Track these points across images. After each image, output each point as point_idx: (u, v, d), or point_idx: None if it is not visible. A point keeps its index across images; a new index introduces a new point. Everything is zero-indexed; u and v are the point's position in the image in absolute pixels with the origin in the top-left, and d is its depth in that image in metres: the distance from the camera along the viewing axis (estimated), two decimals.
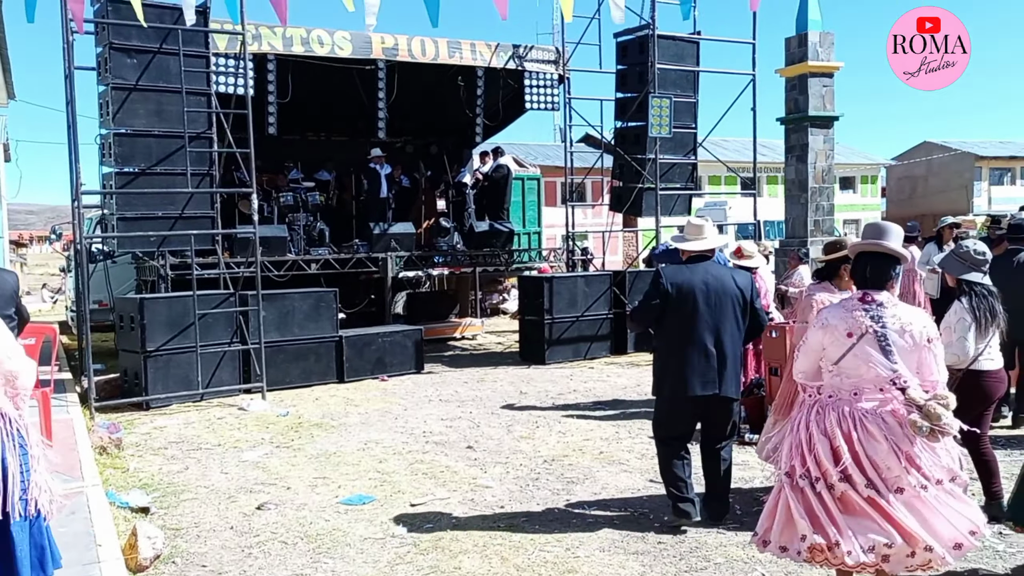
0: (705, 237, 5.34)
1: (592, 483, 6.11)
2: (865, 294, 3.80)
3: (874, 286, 3.79)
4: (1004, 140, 49.08)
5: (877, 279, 3.79)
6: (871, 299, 3.76)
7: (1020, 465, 6.13)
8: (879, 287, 3.78)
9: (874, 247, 3.85)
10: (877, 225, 4.00)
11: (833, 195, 17.33)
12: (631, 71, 13.20)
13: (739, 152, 33.12)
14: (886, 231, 3.91)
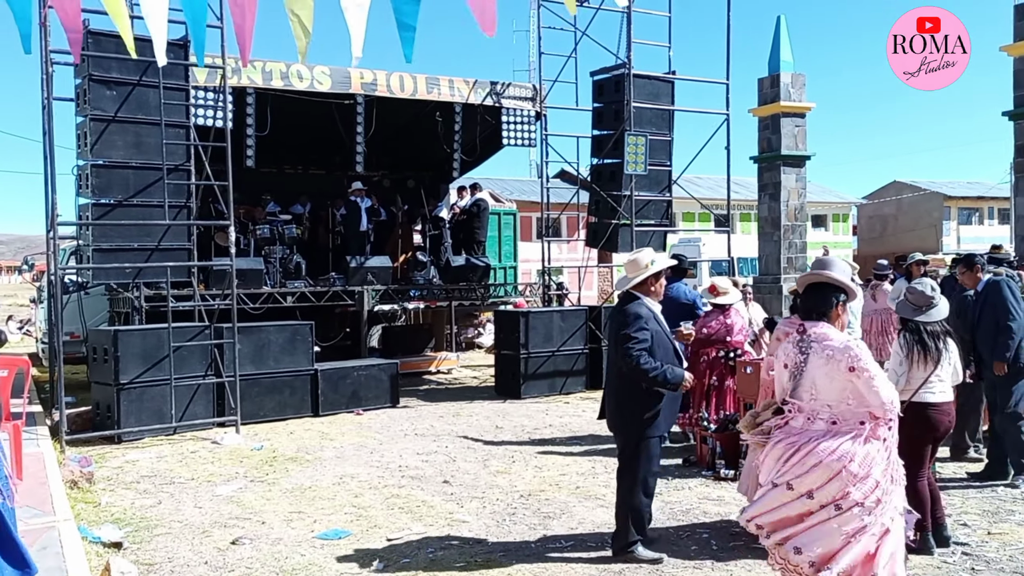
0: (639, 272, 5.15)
1: (569, 518, 6.11)
2: (802, 325, 4.02)
3: (818, 316, 3.99)
4: (972, 180, 50.20)
5: (821, 308, 4.00)
6: (804, 331, 3.97)
7: (990, 500, 6.24)
8: (822, 316, 3.99)
9: (819, 278, 4.07)
10: (822, 260, 4.26)
11: (806, 233, 17.63)
12: (607, 109, 13.41)
13: (712, 189, 33.58)
14: (830, 263, 4.17)
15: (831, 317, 3.99)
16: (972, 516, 5.93)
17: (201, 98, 10.56)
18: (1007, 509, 6.08)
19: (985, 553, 5.18)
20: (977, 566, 4.97)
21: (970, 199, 47.54)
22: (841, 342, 3.88)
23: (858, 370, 3.78)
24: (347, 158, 12.67)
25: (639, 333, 4.93)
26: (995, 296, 6.78)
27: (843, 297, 4.04)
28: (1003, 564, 4.98)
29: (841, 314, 4.02)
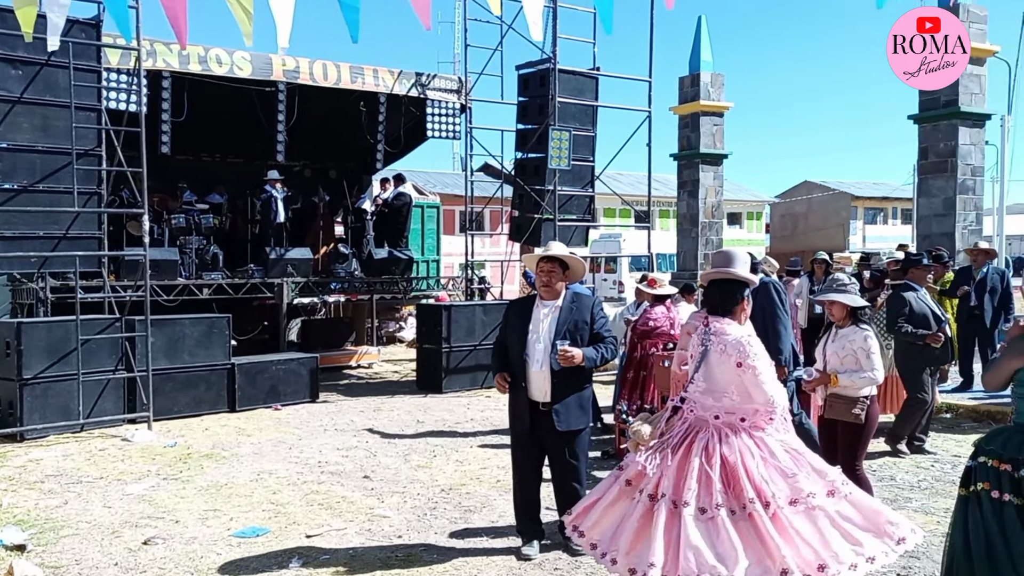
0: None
1: (490, 511, 6.13)
2: (706, 319, 4.05)
3: (723, 312, 4.01)
4: (877, 181, 52.38)
5: (726, 304, 4.02)
6: (707, 323, 4.01)
7: (890, 488, 6.53)
8: (727, 312, 4.01)
9: (723, 274, 4.08)
10: (724, 253, 4.22)
11: (722, 230, 18.07)
12: (532, 103, 13.46)
13: (633, 186, 34.16)
14: (733, 258, 4.15)
15: (736, 312, 4.03)
16: None
17: (114, 81, 10.16)
18: (905, 497, 6.37)
19: None
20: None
21: (875, 199, 49.62)
22: (735, 336, 3.90)
23: (745, 366, 3.81)
24: (268, 147, 12.39)
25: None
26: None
27: (747, 292, 4.08)
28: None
29: (745, 308, 4.07)
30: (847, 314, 5.34)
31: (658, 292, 7.88)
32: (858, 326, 5.32)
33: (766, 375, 3.84)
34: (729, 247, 4.51)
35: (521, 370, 5.00)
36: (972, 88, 13.56)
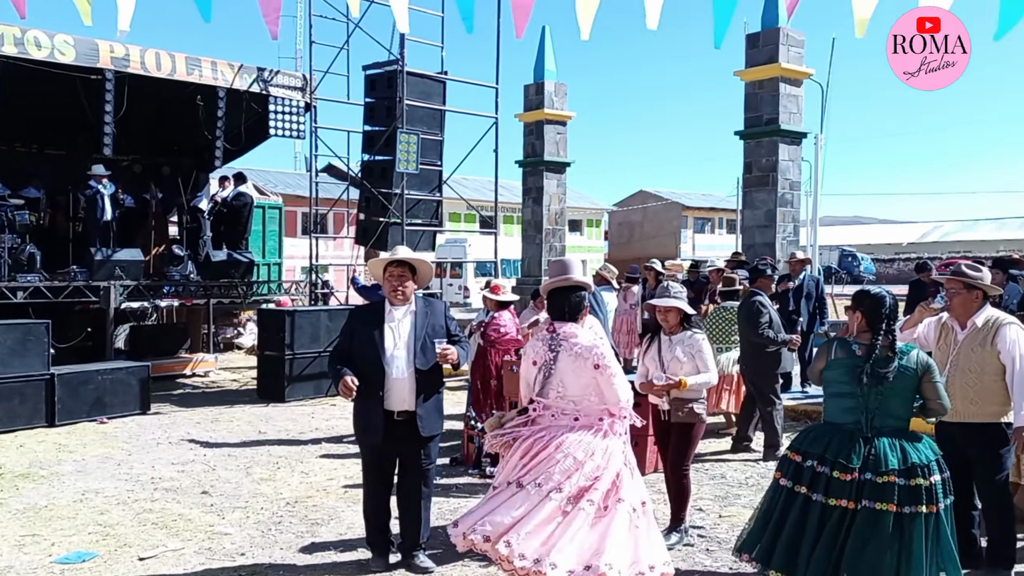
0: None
1: (338, 524, 5.98)
2: (552, 325, 4.19)
3: (571, 318, 4.18)
4: (706, 192, 55.47)
5: (574, 311, 4.20)
6: (555, 330, 4.15)
7: (720, 486, 6.91)
8: (574, 318, 4.19)
9: (565, 282, 4.25)
10: (562, 262, 4.38)
11: (565, 236, 18.54)
12: (379, 105, 13.29)
13: (478, 191, 34.41)
14: (570, 266, 4.35)
15: (581, 317, 4.21)
16: (706, 501, 6.53)
17: None
18: (734, 493, 6.75)
19: (718, 534, 5.72)
20: (711, 547, 5.48)
21: (704, 209, 52.52)
22: (588, 341, 4.08)
23: (601, 368, 3.99)
24: (93, 139, 11.55)
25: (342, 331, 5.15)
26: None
27: (588, 297, 4.30)
28: (731, 543, 5.48)
29: (588, 313, 4.29)
30: (680, 320, 5.50)
31: (500, 298, 7.97)
32: (691, 331, 5.47)
33: (619, 377, 4.06)
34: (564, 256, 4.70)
35: (379, 379, 4.82)
36: (791, 108, 14.62)
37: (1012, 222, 54.06)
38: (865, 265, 44.87)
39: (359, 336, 4.91)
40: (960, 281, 4.81)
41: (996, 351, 4.66)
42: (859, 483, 3.94)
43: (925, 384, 4.07)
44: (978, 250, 46.74)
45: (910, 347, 4.18)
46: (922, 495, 3.90)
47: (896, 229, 65.21)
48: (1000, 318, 4.78)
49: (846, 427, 4.09)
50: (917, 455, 3.95)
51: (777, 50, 14.13)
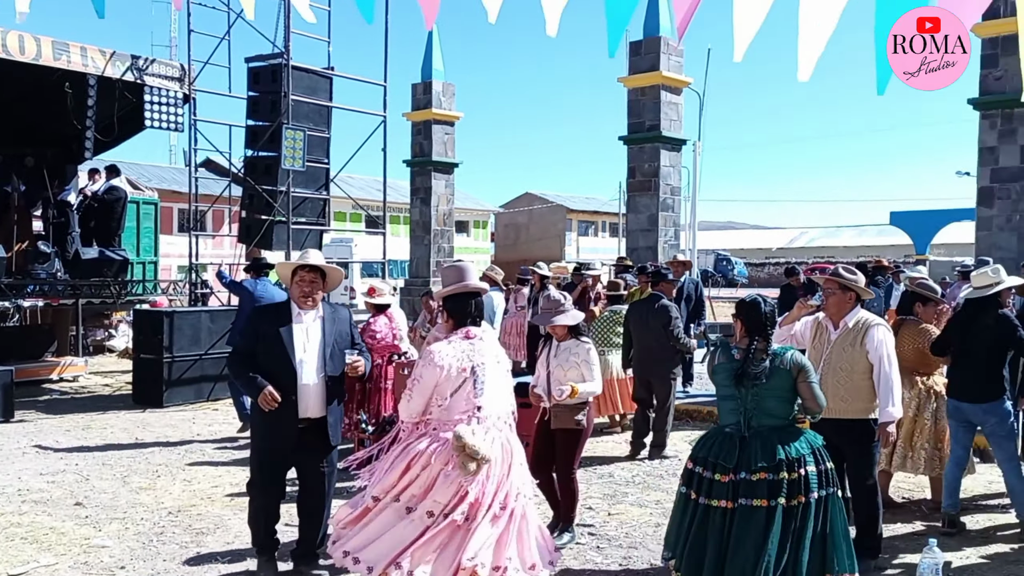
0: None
1: (224, 532, 5.78)
2: (467, 331, 4.17)
3: (473, 322, 4.20)
4: (590, 196, 56.66)
5: (478, 315, 4.23)
6: (473, 335, 4.15)
7: (609, 484, 7.07)
8: (477, 323, 4.22)
9: (463, 288, 4.24)
10: (457, 268, 4.34)
11: (453, 237, 18.56)
12: (263, 99, 12.88)
13: (364, 190, 33.98)
14: (466, 272, 4.31)
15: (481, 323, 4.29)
16: (595, 500, 6.65)
17: None
18: (622, 492, 6.90)
19: (607, 532, 5.85)
20: (601, 544, 5.60)
21: (588, 213, 53.64)
22: (429, 349, 4.13)
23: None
24: None
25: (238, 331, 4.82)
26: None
27: (482, 300, 4.35)
28: (621, 540, 5.68)
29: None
30: (568, 330, 5.51)
31: (376, 301, 7.90)
32: (579, 340, 5.48)
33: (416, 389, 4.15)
34: (455, 261, 4.67)
35: (292, 384, 4.62)
36: (671, 115, 15.17)
37: (871, 229, 57.76)
38: (739, 269, 46.97)
39: (267, 338, 4.66)
40: (836, 282, 5.09)
41: (865, 351, 4.94)
42: (735, 483, 4.11)
43: (800, 384, 4.25)
44: (840, 255, 49.70)
45: (785, 349, 4.37)
46: (784, 487, 4.04)
47: (767, 235, 68.50)
48: (869, 319, 5.06)
49: (727, 429, 4.29)
50: (787, 450, 4.10)
51: (658, 58, 14.62)
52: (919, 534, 5.66)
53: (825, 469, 4.16)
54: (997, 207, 11.53)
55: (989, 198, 11.60)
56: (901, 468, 6.13)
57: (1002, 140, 11.42)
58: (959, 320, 5.87)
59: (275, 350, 4.63)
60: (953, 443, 5.87)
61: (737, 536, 4.04)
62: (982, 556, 5.31)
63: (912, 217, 27.77)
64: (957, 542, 5.52)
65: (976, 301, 5.72)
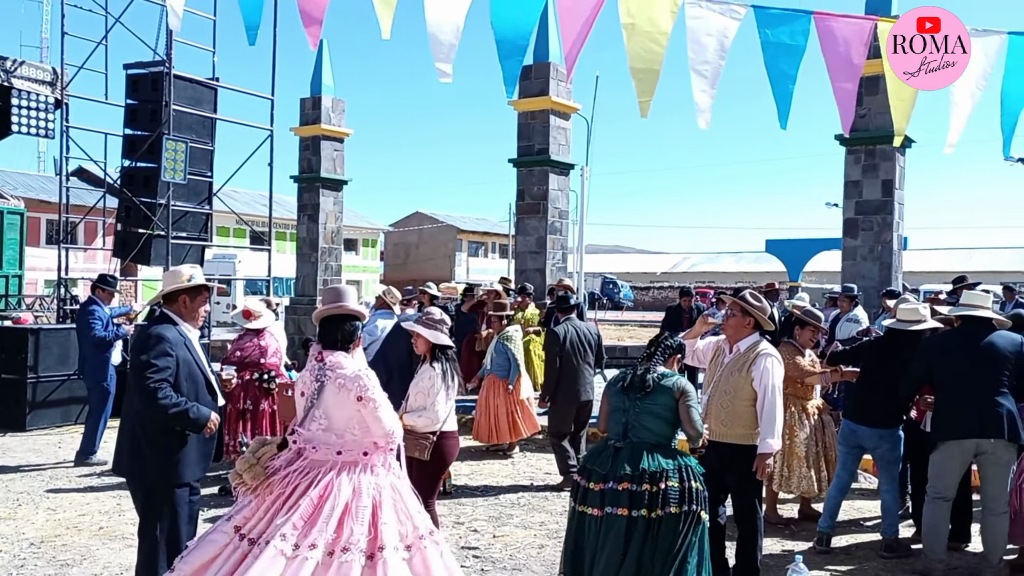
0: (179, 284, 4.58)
1: (92, 563, 5.47)
2: (320, 353, 3.97)
3: (342, 347, 3.98)
4: (480, 216, 57.01)
5: (347, 339, 4.00)
6: (323, 359, 3.94)
7: (494, 507, 7.08)
8: (346, 347, 3.99)
9: (338, 310, 4.06)
10: (335, 289, 4.21)
11: (341, 256, 18.26)
12: (143, 108, 12.41)
13: (250, 205, 33.06)
14: (344, 294, 4.16)
15: (352, 348, 4.02)
16: (481, 522, 6.63)
17: None
18: (507, 514, 6.90)
19: (492, 554, 5.83)
20: (486, 567, 5.59)
21: (478, 233, 53.95)
22: (352, 371, 3.87)
23: (365, 399, 3.80)
24: None
25: (160, 360, 4.20)
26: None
27: (360, 325, 4.12)
28: (506, 563, 5.68)
29: (359, 343, 4.09)
30: (428, 350, 5.19)
31: (252, 326, 7.69)
32: (432, 365, 5.15)
33: (384, 409, 3.89)
34: (337, 285, 4.55)
35: (215, 406, 4.45)
36: (560, 140, 15.46)
37: (748, 255, 60.44)
38: (624, 292, 48.14)
39: (184, 360, 4.37)
40: (739, 305, 5.17)
41: (750, 378, 4.98)
42: (603, 492, 4.25)
43: (680, 407, 4.39)
44: (720, 280, 51.78)
45: (672, 374, 4.57)
46: (645, 499, 4.16)
47: (651, 259, 70.66)
48: (762, 349, 5.06)
49: (609, 440, 4.43)
50: (651, 463, 4.21)
51: (548, 83, 14.89)
52: (788, 552, 5.88)
53: (690, 487, 4.23)
54: (861, 238, 12.27)
55: (854, 229, 12.33)
56: (782, 488, 6.38)
57: (866, 175, 12.18)
58: (877, 347, 6.06)
59: (194, 373, 4.39)
60: (840, 468, 6.10)
61: (602, 544, 4.17)
62: (844, 572, 5.56)
63: (786, 245, 29.18)
64: (823, 559, 5.77)
65: (897, 333, 5.88)
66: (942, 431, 5.41)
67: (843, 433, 6.10)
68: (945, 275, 41.68)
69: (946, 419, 5.39)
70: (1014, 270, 43.69)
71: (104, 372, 8.70)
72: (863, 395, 6.00)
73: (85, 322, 8.72)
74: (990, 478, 5.32)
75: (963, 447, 5.30)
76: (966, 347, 5.35)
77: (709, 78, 5.06)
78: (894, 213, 12.24)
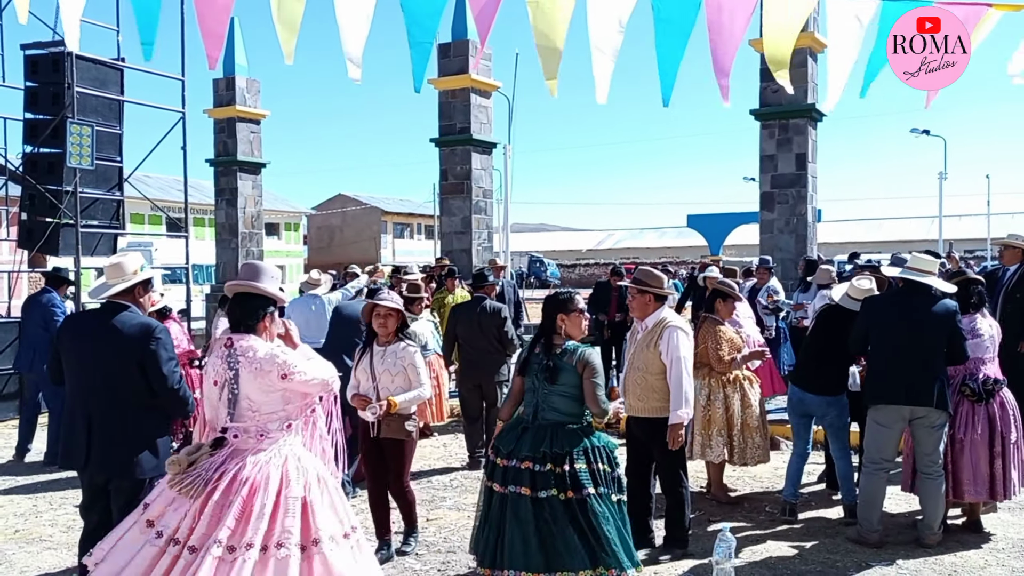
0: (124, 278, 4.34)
1: (8, 568, 5.25)
2: (229, 339, 3.78)
3: (246, 328, 3.80)
4: (404, 198, 56.54)
5: (248, 319, 3.80)
6: (232, 343, 3.74)
7: (427, 489, 7.05)
8: (250, 328, 3.79)
9: (248, 288, 3.86)
10: (252, 265, 4.01)
11: (263, 241, 17.87)
12: (43, 90, 11.79)
13: (164, 190, 32.05)
14: (261, 272, 3.94)
15: (258, 329, 3.80)
16: None
17: None
18: (440, 496, 6.87)
19: (425, 538, 5.78)
20: (419, 550, 5.54)
21: (403, 215, 53.48)
22: (266, 352, 3.71)
23: (289, 375, 3.68)
24: None
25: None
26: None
27: (271, 308, 3.88)
28: (439, 545, 5.67)
29: (268, 325, 3.86)
30: (396, 329, 5.21)
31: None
32: (405, 342, 5.21)
33: (312, 368, 3.80)
34: (259, 262, 4.33)
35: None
36: (481, 118, 15.39)
37: (671, 231, 61.49)
38: (551, 270, 48.46)
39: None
40: (635, 287, 5.31)
41: (659, 352, 5.10)
42: (506, 469, 4.24)
43: (584, 382, 4.30)
44: (644, 256, 52.61)
45: (577, 346, 4.40)
46: (553, 480, 4.14)
47: (577, 236, 71.29)
48: (667, 320, 5.19)
49: (519, 419, 4.42)
50: (555, 444, 4.20)
51: (467, 62, 14.77)
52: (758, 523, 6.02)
53: (599, 469, 4.23)
54: (777, 211, 12.60)
55: (770, 203, 12.65)
56: (702, 456, 6.49)
57: (780, 149, 12.49)
58: (825, 318, 6.19)
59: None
60: (795, 438, 6.28)
61: (509, 521, 4.15)
62: (804, 546, 5.60)
63: (707, 220, 29.74)
64: (784, 533, 5.82)
65: (837, 308, 6.05)
66: (873, 396, 5.50)
67: (791, 403, 6.23)
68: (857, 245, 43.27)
69: (878, 384, 5.48)
70: (922, 239, 45.61)
71: None
72: (811, 364, 6.12)
73: (48, 314, 8.28)
74: (922, 441, 5.42)
75: (899, 413, 5.38)
76: (902, 313, 5.42)
77: (608, 54, 5.12)
78: (808, 186, 12.60)
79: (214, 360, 3.77)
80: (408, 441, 5.28)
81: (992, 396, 5.58)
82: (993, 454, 5.56)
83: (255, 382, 3.66)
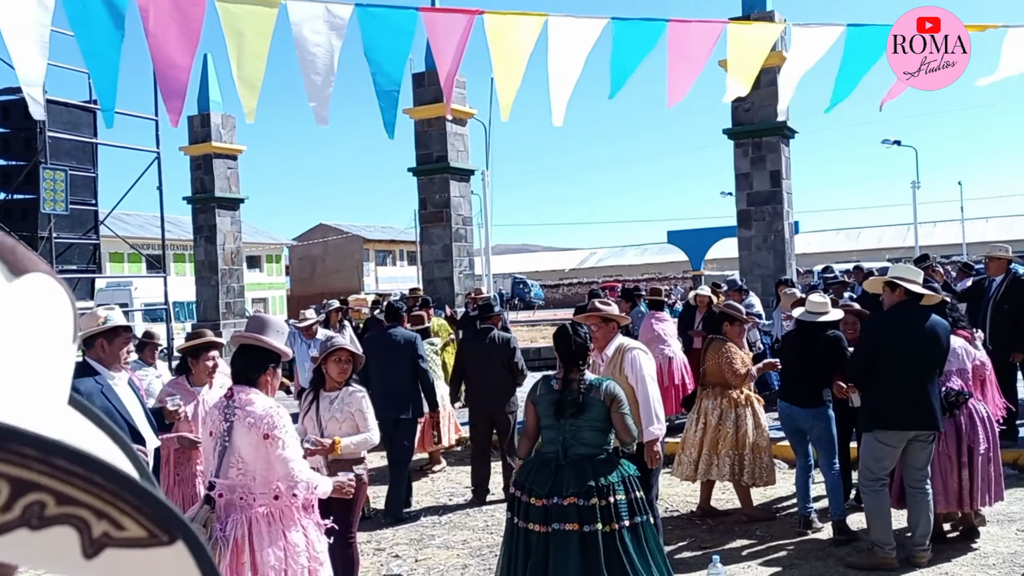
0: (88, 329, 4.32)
1: None
2: (231, 390, 3.74)
3: (248, 381, 3.73)
4: (385, 225, 56.48)
5: (251, 373, 3.74)
6: (232, 396, 3.70)
7: (416, 529, 6.94)
8: (251, 382, 3.73)
9: (253, 340, 3.79)
10: (260, 319, 3.98)
11: (243, 276, 17.76)
12: (16, 136, 11.79)
13: (143, 228, 31.88)
14: (267, 325, 3.88)
15: (260, 383, 3.74)
16: (402, 546, 6.45)
17: None
18: (428, 535, 6.72)
19: None
20: None
21: (385, 242, 53.40)
22: (263, 408, 3.62)
23: (271, 438, 3.54)
24: None
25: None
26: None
27: (274, 363, 3.81)
28: None
29: (270, 380, 3.79)
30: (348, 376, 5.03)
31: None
32: (351, 387, 5.00)
33: (291, 451, 3.65)
34: (267, 315, 4.27)
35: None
36: (458, 146, 15.41)
37: (652, 248, 61.76)
38: (535, 291, 48.39)
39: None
40: (595, 317, 5.33)
41: (624, 375, 5.10)
42: (547, 507, 4.21)
43: (613, 415, 4.33)
44: (627, 273, 52.69)
45: (601, 380, 4.44)
46: (598, 514, 4.17)
47: (560, 256, 71.35)
48: (625, 344, 5.27)
49: (546, 456, 4.37)
50: (597, 478, 4.22)
51: (441, 91, 14.78)
52: (746, 547, 5.98)
53: (635, 498, 4.29)
54: (754, 228, 12.65)
55: (747, 220, 12.71)
56: (707, 475, 6.47)
57: (754, 167, 12.58)
58: (791, 343, 6.31)
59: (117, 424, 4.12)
60: (796, 454, 6.34)
61: (556, 560, 4.12)
62: (791, 560, 5.59)
63: (687, 235, 29.92)
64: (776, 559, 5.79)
65: (808, 324, 6.12)
66: (881, 420, 5.36)
67: (782, 419, 6.33)
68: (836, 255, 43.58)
69: (886, 408, 5.34)
70: (898, 246, 46.03)
71: None
72: (791, 380, 6.28)
73: None
74: (915, 456, 5.38)
75: (907, 433, 5.31)
76: (910, 332, 5.30)
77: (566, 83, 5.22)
78: (783, 203, 12.66)
79: (212, 411, 3.79)
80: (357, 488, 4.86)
81: (958, 408, 5.61)
82: (961, 464, 5.59)
83: (247, 436, 3.58)
